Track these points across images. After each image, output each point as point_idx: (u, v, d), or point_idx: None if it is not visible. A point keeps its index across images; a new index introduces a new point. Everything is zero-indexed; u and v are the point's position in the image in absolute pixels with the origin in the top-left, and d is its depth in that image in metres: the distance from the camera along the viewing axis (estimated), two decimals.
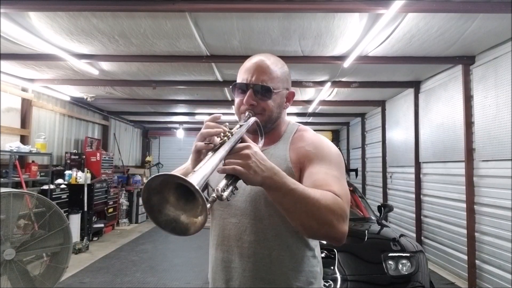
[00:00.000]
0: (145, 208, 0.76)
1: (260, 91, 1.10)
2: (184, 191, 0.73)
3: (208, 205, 0.76)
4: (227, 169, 0.84)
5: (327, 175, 1.01)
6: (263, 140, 1.10)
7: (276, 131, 1.19)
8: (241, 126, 1.00)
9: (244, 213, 1.09)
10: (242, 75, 1.13)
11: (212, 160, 0.83)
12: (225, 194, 0.81)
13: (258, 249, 1.06)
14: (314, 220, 0.89)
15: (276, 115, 1.15)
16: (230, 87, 1.18)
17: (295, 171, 1.07)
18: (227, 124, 0.95)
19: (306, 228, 0.91)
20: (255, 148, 0.89)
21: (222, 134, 0.91)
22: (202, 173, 0.76)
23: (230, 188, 0.83)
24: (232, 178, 0.85)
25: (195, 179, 0.71)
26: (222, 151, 0.86)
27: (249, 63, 1.14)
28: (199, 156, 0.90)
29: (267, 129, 1.15)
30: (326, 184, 0.97)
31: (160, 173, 0.73)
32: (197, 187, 0.69)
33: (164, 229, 0.75)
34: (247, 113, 1.10)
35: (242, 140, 0.92)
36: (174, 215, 0.76)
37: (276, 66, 1.14)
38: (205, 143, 0.90)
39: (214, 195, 0.78)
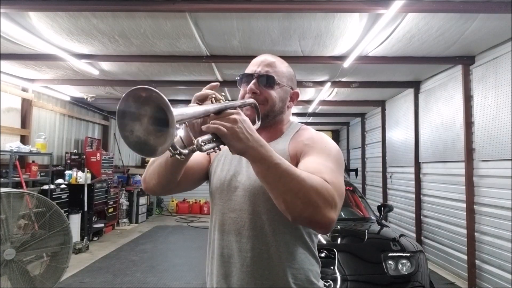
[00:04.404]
0: (118, 125, 0.74)
1: (263, 80, 1.13)
2: (159, 118, 0.71)
3: (186, 151, 0.78)
4: (210, 127, 0.84)
5: (321, 165, 0.98)
6: (259, 122, 1.10)
7: (278, 128, 1.20)
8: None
9: (243, 208, 1.09)
10: (247, 69, 1.17)
11: (196, 107, 0.84)
12: (205, 147, 0.81)
13: (256, 244, 1.06)
14: (298, 199, 0.85)
15: (279, 109, 1.16)
16: (237, 78, 1.19)
17: (293, 165, 1.07)
18: (223, 94, 0.96)
19: (290, 207, 0.87)
20: (245, 117, 0.89)
21: (214, 97, 0.93)
22: (183, 110, 0.76)
23: (212, 144, 0.84)
24: (216, 137, 0.85)
25: (175, 110, 0.70)
26: (210, 106, 0.87)
27: (255, 59, 1.19)
28: None
29: (268, 122, 1.16)
30: (318, 171, 0.93)
31: (141, 86, 0.70)
32: (172, 109, 0.67)
33: (133, 150, 0.74)
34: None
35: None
36: (145, 138, 0.74)
37: (282, 64, 1.20)
38: (196, 103, 0.92)
39: (194, 144, 0.79)
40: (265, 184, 0.90)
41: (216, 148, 0.86)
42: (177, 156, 0.78)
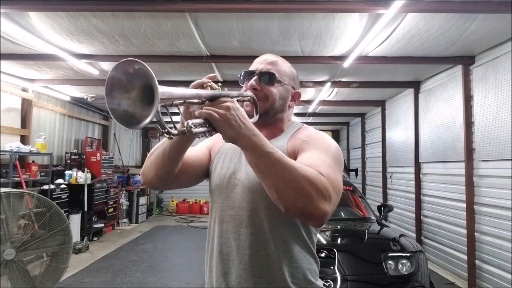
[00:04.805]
0: (107, 98, 0.74)
1: (265, 78, 1.14)
2: (146, 93, 0.72)
3: (175, 131, 0.79)
4: (203, 113, 0.84)
5: (318, 159, 0.97)
6: (257, 116, 1.10)
7: (278, 126, 1.20)
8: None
9: (241, 205, 1.09)
10: (250, 67, 1.19)
11: (187, 89, 0.85)
12: (195, 130, 0.82)
13: (254, 241, 1.05)
14: (291, 188, 0.84)
15: (279, 107, 1.17)
16: (239, 76, 1.20)
17: None
18: (220, 84, 0.97)
19: (282, 197, 0.85)
20: (238, 106, 0.90)
21: (210, 85, 0.93)
22: (171, 88, 0.76)
23: (203, 129, 0.85)
24: (208, 123, 0.85)
25: (162, 87, 0.70)
26: (203, 91, 0.88)
27: (258, 58, 1.21)
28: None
29: (268, 120, 1.16)
30: (314, 166, 0.91)
31: (130, 59, 0.71)
32: (157, 84, 0.68)
33: (119, 122, 0.74)
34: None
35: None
36: (131, 111, 0.74)
37: (284, 63, 1.21)
38: None
39: (184, 125, 0.81)
40: (257, 173, 0.90)
41: (207, 133, 0.86)
42: (165, 135, 0.79)
